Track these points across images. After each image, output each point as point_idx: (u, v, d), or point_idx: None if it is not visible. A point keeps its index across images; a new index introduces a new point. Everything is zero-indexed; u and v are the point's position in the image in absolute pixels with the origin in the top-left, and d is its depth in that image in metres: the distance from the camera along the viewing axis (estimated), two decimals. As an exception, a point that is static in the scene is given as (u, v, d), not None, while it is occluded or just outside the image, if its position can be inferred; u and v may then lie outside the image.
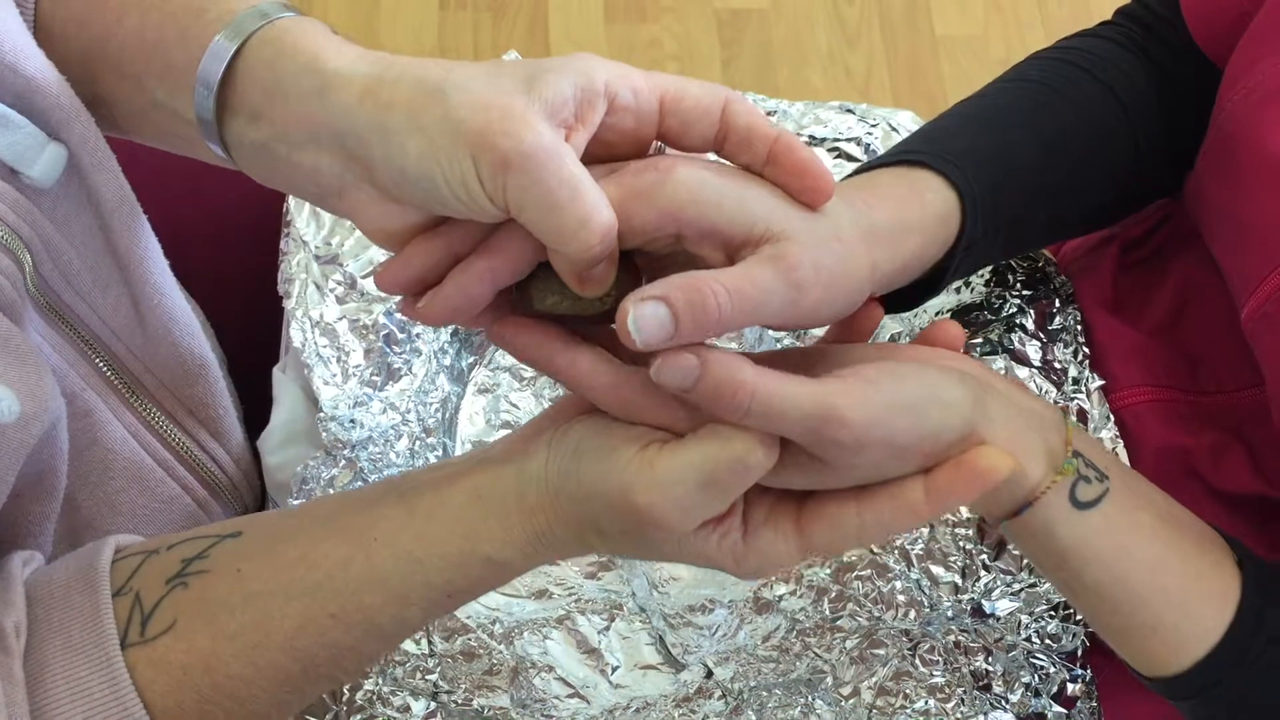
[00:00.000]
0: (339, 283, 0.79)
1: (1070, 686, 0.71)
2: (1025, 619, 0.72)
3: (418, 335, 0.79)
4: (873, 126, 0.88)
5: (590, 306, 0.50)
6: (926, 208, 0.61)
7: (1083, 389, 0.75)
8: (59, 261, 0.59)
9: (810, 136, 0.87)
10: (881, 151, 0.87)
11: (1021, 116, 0.70)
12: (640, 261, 0.51)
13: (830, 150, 0.87)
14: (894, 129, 0.88)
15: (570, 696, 0.71)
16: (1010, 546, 0.73)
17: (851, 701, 0.70)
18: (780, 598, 0.73)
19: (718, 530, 0.50)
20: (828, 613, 0.72)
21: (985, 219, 0.63)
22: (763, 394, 0.46)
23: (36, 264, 0.58)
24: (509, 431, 0.63)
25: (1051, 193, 0.69)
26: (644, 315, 0.46)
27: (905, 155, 0.64)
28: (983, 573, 0.72)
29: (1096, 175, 0.71)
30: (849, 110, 0.89)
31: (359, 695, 0.70)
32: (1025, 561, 0.72)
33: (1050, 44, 0.78)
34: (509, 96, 0.46)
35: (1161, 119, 0.73)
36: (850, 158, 0.87)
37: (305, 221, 0.81)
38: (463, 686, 0.71)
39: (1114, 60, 0.73)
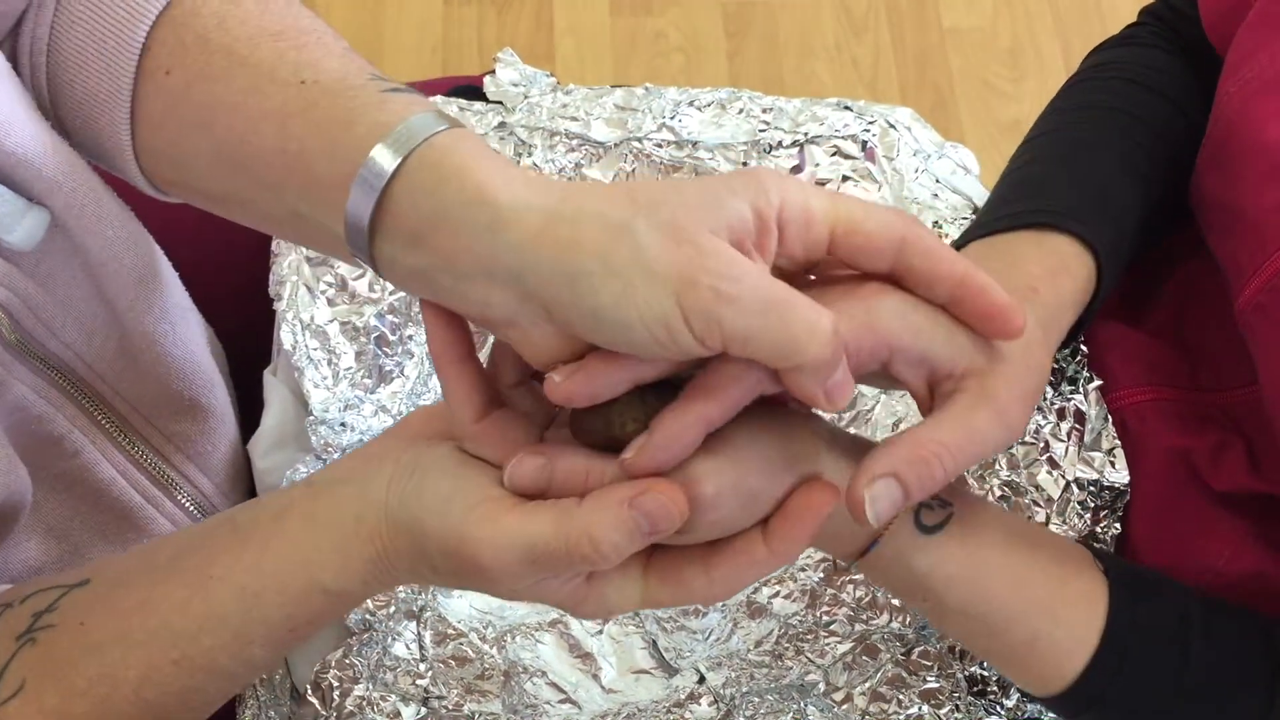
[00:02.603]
0: (330, 285, 0.79)
1: (1066, 691, 0.70)
2: (1021, 623, 0.72)
3: (410, 337, 0.79)
4: (870, 124, 0.87)
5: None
6: (1077, 281, 0.62)
7: (1080, 389, 0.74)
8: (42, 317, 0.59)
9: (806, 134, 0.86)
10: (879, 149, 0.86)
11: (1110, 150, 0.70)
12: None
13: (828, 150, 0.86)
14: (891, 126, 0.87)
15: (562, 702, 0.71)
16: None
17: (844, 707, 0.70)
18: (772, 601, 0.72)
19: (558, 578, 0.49)
20: (821, 617, 0.72)
21: (1115, 271, 0.65)
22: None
23: (18, 321, 0.58)
24: None
25: (1150, 216, 0.70)
26: (879, 496, 0.46)
27: (1031, 218, 0.64)
28: (978, 576, 0.72)
29: (1177, 183, 0.72)
30: (846, 107, 0.88)
31: (349, 701, 0.69)
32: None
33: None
34: (699, 229, 0.44)
35: (1205, 109, 0.73)
36: (847, 155, 0.86)
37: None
38: (454, 691, 0.71)
39: (1155, 65, 0.74)
